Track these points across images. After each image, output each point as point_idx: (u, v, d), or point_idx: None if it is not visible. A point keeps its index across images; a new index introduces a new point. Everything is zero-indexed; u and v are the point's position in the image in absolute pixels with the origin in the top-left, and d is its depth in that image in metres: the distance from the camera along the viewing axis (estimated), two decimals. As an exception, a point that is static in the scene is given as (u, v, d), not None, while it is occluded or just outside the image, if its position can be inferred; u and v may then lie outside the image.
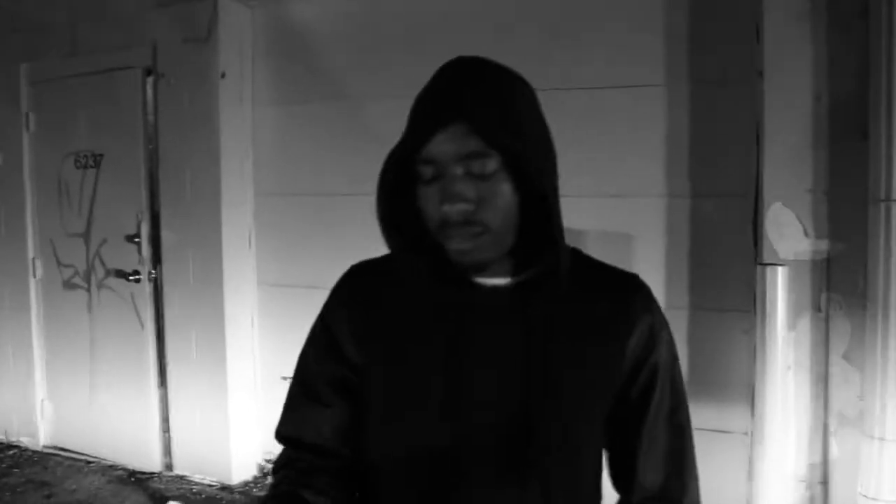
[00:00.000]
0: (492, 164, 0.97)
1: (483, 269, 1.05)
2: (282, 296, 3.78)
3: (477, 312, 1.05)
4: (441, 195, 0.98)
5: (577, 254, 1.14)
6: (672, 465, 1.13)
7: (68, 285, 4.17)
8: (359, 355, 1.11)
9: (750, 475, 2.71)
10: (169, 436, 3.92)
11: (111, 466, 4.03)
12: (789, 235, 2.63)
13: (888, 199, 2.38)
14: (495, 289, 1.07)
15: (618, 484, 1.17)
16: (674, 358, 1.15)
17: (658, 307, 1.13)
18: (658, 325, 1.12)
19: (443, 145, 0.97)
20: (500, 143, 0.97)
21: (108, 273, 3.99)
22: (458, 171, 0.97)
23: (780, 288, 2.56)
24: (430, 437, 1.05)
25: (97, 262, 4.03)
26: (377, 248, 1.15)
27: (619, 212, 3.02)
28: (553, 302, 1.05)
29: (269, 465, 3.84)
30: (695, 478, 1.15)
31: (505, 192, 0.99)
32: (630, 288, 1.13)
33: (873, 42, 2.44)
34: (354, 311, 1.13)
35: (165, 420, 3.93)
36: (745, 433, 2.83)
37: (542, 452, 1.04)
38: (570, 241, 1.07)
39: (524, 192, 1.00)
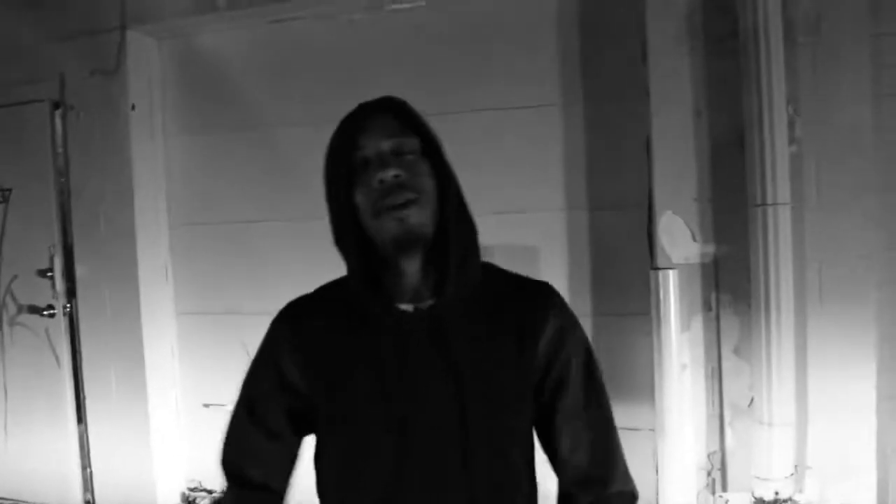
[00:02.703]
0: (411, 142, 1.15)
1: (410, 292, 1.17)
2: (201, 323, 3.79)
3: (404, 338, 1.16)
4: (374, 169, 1.12)
5: (489, 267, 1.27)
6: (594, 453, 1.23)
7: (-22, 324, 4.08)
8: (305, 387, 1.21)
9: (656, 468, 2.87)
10: (90, 471, 3.86)
11: (30, 507, 3.94)
12: (679, 241, 2.81)
13: (764, 203, 2.59)
14: (417, 313, 1.17)
15: (555, 470, 1.27)
16: (588, 354, 1.28)
17: (567, 310, 1.27)
18: (568, 325, 1.25)
19: (372, 131, 1.15)
20: (418, 125, 1.17)
21: (20, 309, 3.92)
22: (387, 147, 1.13)
23: (672, 290, 2.73)
24: (376, 457, 1.15)
25: (8, 299, 3.95)
26: (292, 272, 1.24)
27: (522, 226, 3.16)
28: (469, 316, 1.18)
29: (193, 494, 3.83)
30: (619, 462, 1.25)
31: (426, 170, 1.15)
32: (540, 295, 1.26)
33: (744, 60, 2.65)
34: (295, 344, 1.22)
35: (85, 456, 3.86)
36: (652, 429, 2.99)
37: (476, 452, 1.14)
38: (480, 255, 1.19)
39: (438, 185, 1.16)
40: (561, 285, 3.07)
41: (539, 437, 1.27)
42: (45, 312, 3.82)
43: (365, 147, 1.14)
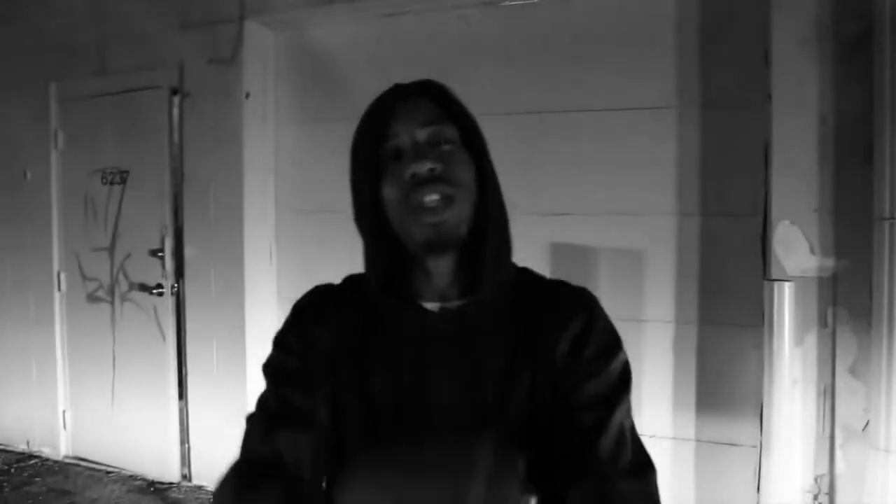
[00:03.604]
0: (451, 131, 1.03)
1: (438, 291, 1.07)
2: (302, 309, 3.86)
3: (426, 339, 1.05)
4: (408, 161, 1.00)
5: (525, 271, 1.16)
6: (608, 443, 1.01)
7: (92, 298, 4.27)
8: (328, 381, 1.09)
9: (758, 487, 2.77)
10: (188, 447, 4.00)
11: (131, 476, 4.11)
12: (796, 253, 2.71)
13: (892, 217, 2.46)
14: (443, 313, 1.07)
15: (565, 465, 1.06)
16: (621, 380, 1.07)
17: (600, 313, 1.11)
18: (596, 323, 1.08)
19: (407, 117, 1.03)
20: (457, 112, 1.05)
21: (131, 286, 4.09)
22: (422, 136, 1.02)
23: (787, 303, 2.64)
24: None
25: (121, 276, 4.13)
26: None
27: (631, 229, 3.10)
28: (498, 318, 1.06)
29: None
30: (637, 452, 1.04)
31: (465, 161, 1.03)
32: (572, 297, 1.12)
33: (877, 65, 2.52)
34: (333, 331, 1.11)
35: (185, 431, 4.01)
36: (755, 446, 2.89)
37: (491, 459, 0.94)
38: (582, 257, 1.11)
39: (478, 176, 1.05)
40: (667, 292, 3.05)
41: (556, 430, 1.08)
42: (154, 291, 3.98)
43: (398, 135, 1.02)
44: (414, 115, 1.03)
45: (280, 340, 1.15)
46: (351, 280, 1.18)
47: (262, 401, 1.13)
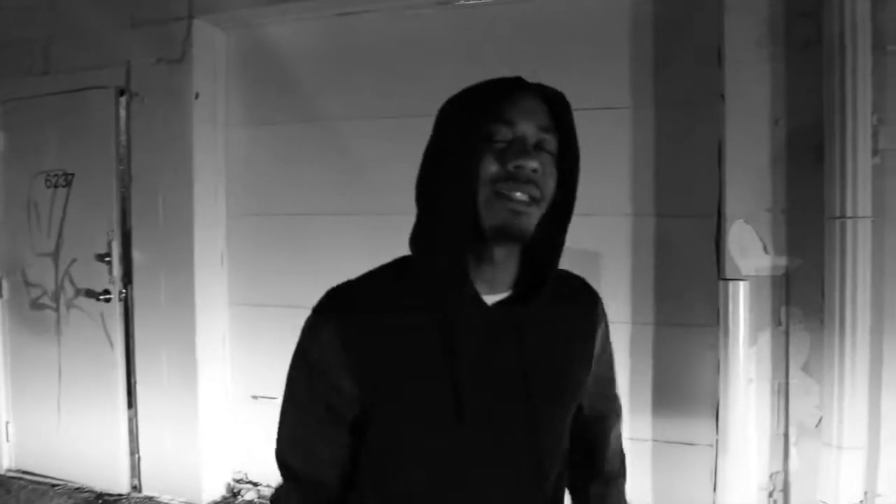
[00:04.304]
0: (553, 142, 1.07)
1: (492, 284, 1.10)
2: (254, 315, 3.79)
3: (481, 328, 1.08)
4: (517, 153, 1.02)
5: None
6: (614, 401, 1.48)
7: (36, 305, 4.13)
8: (358, 390, 1.07)
9: (715, 485, 2.79)
10: (138, 457, 3.88)
11: (78, 489, 3.97)
12: (750, 252, 2.73)
13: (843, 216, 2.49)
14: (497, 306, 1.11)
15: (589, 429, 1.39)
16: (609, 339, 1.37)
17: (603, 307, 1.32)
18: (606, 319, 1.32)
19: (523, 111, 1.04)
20: (565, 120, 1.08)
21: (77, 293, 3.97)
22: (533, 137, 1.04)
23: (741, 303, 2.65)
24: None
25: (66, 282, 4.01)
26: (347, 267, 1.18)
27: (586, 230, 3.07)
28: (541, 312, 1.13)
29: (239, 486, 3.83)
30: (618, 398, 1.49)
31: (555, 174, 1.08)
32: (590, 293, 1.29)
33: (827, 66, 2.56)
34: (345, 342, 1.06)
35: (135, 441, 3.89)
36: (711, 445, 2.91)
37: (543, 447, 1.15)
38: None
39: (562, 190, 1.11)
40: (623, 293, 3.05)
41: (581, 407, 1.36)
42: (101, 297, 3.86)
43: (516, 123, 1.03)
44: (535, 114, 1.05)
45: (307, 348, 1.11)
46: (373, 275, 1.14)
47: (290, 405, 1.17)
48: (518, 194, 1.01)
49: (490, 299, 1.10)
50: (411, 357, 1.06)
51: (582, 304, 1.25)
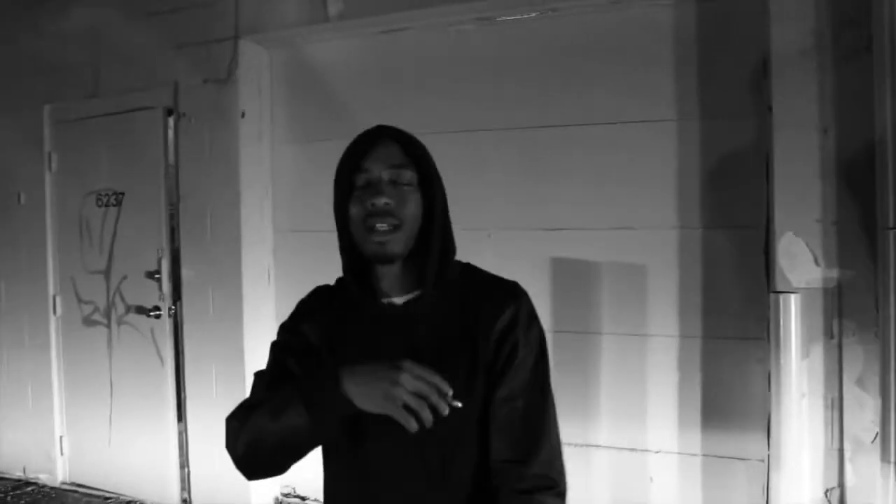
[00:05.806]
0: (408, 174, 1.31)
1: (390, 289, 1.36)
2: (300, 330, 3.82)
3: (379, 327, 1.35)
4: (371, 193, 1.28)
5: (470, 268, 1.44)
6: (524, 432, 1.29)
7: (88, 322, 4.23)
8: (315, 355, 1.39)
9: (767, 501, 2.74)
10: (188, 470, 3.95)
11: (129, 502, 4.06)
12: (801, 264, 2.68)
13: (896, 227, 2.44)
14: (392, 307, 1.36)
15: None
16: (539, 351, 1.35)
17: (527, 306, 1.37)
18: (522, 317, 1.34)
19: (375, 156, 1.30)
20: (416, 155, 1.33)
21: (128, 309, 4.05)
22: (385, 176, 1.29)
23: (793, 315, 2.60)
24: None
25: (117, 299, 4.10)
26: None
27: (632, 243, 3.08)
28: (440, 309, 1.34)
29: (287, 500, 3.87)
30: (544, 450, 1.29)
31: (415, 200, 1.32)
32: (503, 290, 1.38)
33: (878, 75, 2.51)
34: (316, 319, 1.43)
35: (185, 455, 3.96)
36: (762, 460, 2.86)
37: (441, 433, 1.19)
38: (584, 272, 1.18)
39: (426, 209, 1.33)
40: (670, 305, 3.03)
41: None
42: (151, 313, 3.94)
43: (369, 170, 1.29)
44: (388, 157, 1.31)
45: (283, 325, 1.47)
46: (339, 281, 1.46)
47: (266, 367, 1.42)
48: (378, 225, 1.27)
49: (400, 299, 1.36)
50: (342, 346, 1.38)
51: (490, 303, 1.34)
